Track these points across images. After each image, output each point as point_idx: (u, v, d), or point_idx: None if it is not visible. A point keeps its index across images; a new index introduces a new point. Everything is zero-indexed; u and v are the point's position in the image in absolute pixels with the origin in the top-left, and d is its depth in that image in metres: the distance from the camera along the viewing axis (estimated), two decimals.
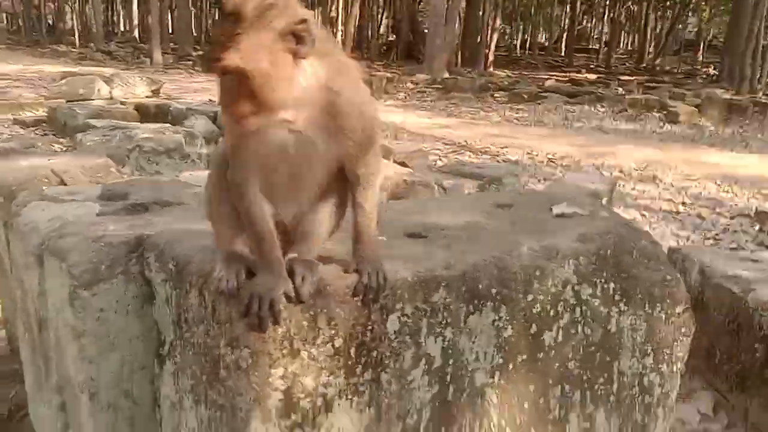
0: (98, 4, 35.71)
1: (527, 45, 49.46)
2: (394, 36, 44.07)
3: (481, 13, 33.68)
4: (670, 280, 2.18)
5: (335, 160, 1.60)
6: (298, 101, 1.47)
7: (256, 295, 1.49)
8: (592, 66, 37.06)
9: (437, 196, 3.21)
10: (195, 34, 39.50)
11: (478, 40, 32.92)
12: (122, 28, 48.72)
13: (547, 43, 51.25)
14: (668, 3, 39.77)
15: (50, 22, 45.16)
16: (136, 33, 39.28)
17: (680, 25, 43.38)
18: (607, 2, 44.83)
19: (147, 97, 15.53)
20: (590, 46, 50.07)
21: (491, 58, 33.49)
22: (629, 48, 53.03)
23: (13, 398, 2.85)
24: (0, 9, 43.84)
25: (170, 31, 43.30)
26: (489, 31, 34.30)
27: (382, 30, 51.41)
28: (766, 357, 3.08)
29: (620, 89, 21.56)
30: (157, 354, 1.99)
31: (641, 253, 2.16)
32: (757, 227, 6.87)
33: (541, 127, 14.37)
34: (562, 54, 45.04)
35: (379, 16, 49.62)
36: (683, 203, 8.03)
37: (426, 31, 31.94)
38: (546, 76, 27.34)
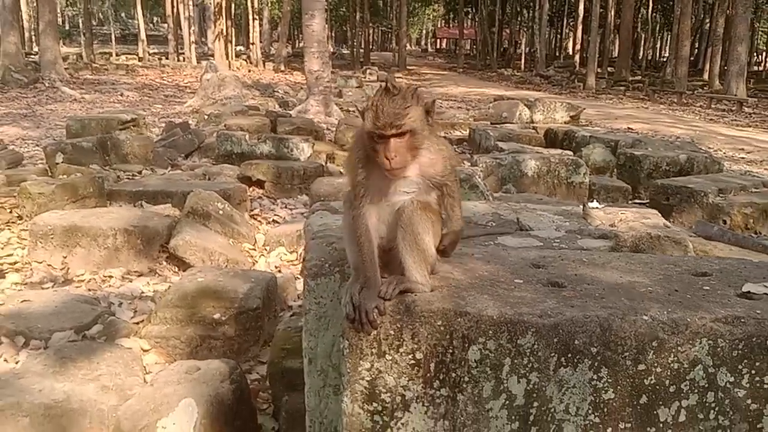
0: (543, 30, 38.20)
1: None
2: None
3: None
4: None
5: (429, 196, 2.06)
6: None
7: (357, 307, 1.95)
8: None
9: (662, 255, 2.99)
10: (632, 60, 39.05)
11: None
12: (565, 53, 51.03)
13: None
14: None
15: (504, 47, 50.13)
16: (577, 58, 40.77)
17: None
18: None
19: (565, 122, 16.37)
20: None
21: None
22: None
23: None
24: (464, 36, 50.74)
25: (613, 56, 43.61)
26: None
27: None
28: None
29: None
30: None
31: None
32: None
33: None
34: None
35: None
36: None
37: None
38: None
